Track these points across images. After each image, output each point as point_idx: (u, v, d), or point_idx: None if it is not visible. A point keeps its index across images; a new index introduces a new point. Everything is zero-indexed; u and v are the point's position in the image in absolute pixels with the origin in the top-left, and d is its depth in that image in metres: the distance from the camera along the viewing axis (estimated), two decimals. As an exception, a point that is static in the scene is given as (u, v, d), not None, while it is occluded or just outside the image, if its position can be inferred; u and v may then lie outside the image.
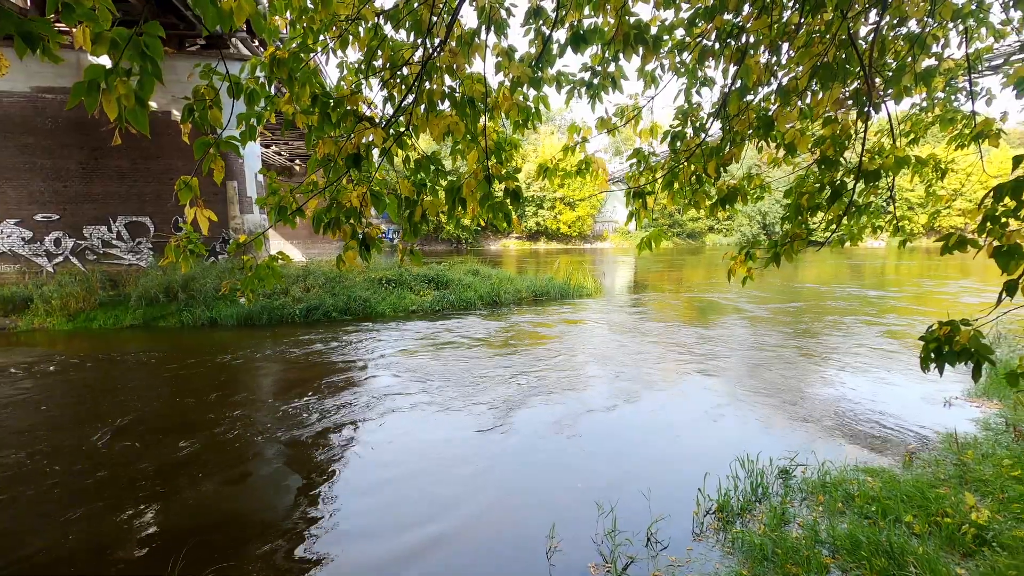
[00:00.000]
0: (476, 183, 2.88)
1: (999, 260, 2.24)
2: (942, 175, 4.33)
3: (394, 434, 6.86)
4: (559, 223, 59.90)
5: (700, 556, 4.37)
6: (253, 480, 5.78)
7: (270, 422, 7.22)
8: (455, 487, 5.57)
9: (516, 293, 17.90)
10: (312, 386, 8.72)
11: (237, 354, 10.89)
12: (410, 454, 6.34)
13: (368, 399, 8.10)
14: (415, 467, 6.00)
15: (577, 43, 3.16)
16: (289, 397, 8.21)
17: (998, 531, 4.09)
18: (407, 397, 8.18)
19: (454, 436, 6.81)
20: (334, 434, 6.85)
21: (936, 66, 3.50)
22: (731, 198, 3.32)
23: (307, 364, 10.14)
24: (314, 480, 5.74)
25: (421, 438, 6.76)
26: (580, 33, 3.15)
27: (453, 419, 7.34)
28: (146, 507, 5.19)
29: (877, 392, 8.27)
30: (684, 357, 10.64)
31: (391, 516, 5.07)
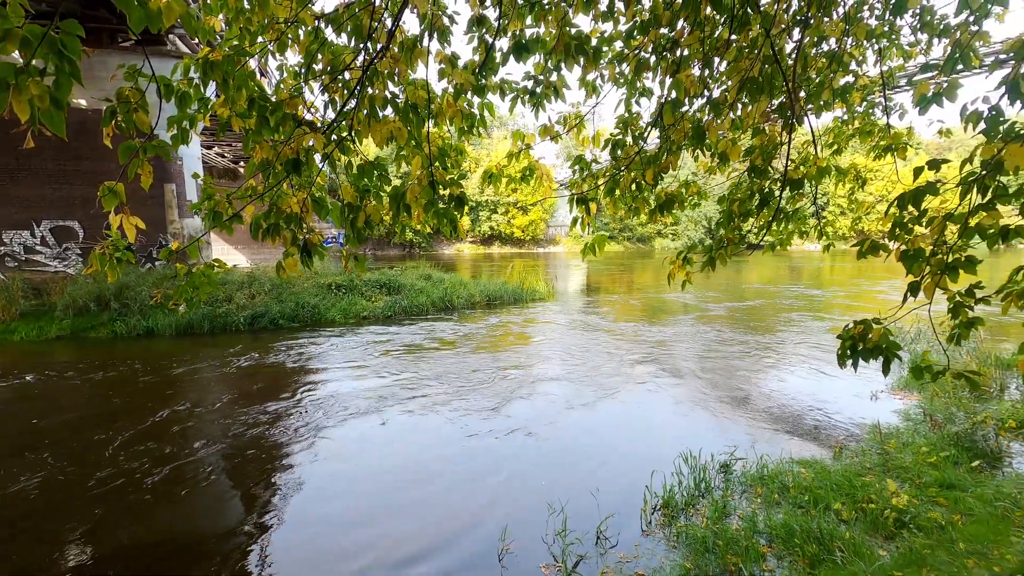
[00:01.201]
0: (420, 189, 2.89)
1: (905, 263, 2.43)
2: (862, 183, 4.63)
3: (343, 442, 6.72)
4: (513, 227, 60.17)
5: (647, 551, 4.49)
6: (196, 500, 5.53)
7: (211, 436, 6.93)
8: (407, 493, 5.51)
9: (469, 298, 17.86)
10: (257, 397, 8.43)
11: (176, 365, 10.39)
12: (359, 461, 6.22)
13: (318, 407, 7.90)
14: (365, 475, 5.90)
15: (520, 52, 3.22)
16: (233, 409, 7.90)
17: (915, 514, 4.40)
18: (358, 404, 8.02)
19: (404, 442, 6.73)
20: (282, 445, 6.64)
21: (853, 83, 3.76)
22: (669, 204, 3.45)
23: (252, 374, 9.79)
24: (261, 494, 5.55)
25: (371, 445, 6.65)
26: (523, 42, 3.21)
27: (403, 425, 7.26)
28: (79, 535, 4.89)
29: (813, 387, 8.74)
30: (634, 357, 10.90)
31: (340, 524, 4.96)
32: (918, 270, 2.38)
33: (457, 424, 7.30)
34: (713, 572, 4.04)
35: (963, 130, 2.64)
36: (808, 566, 3.94)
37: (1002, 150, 2.14)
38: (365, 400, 8.23)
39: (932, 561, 3.67)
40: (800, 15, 3.26)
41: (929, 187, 2.31)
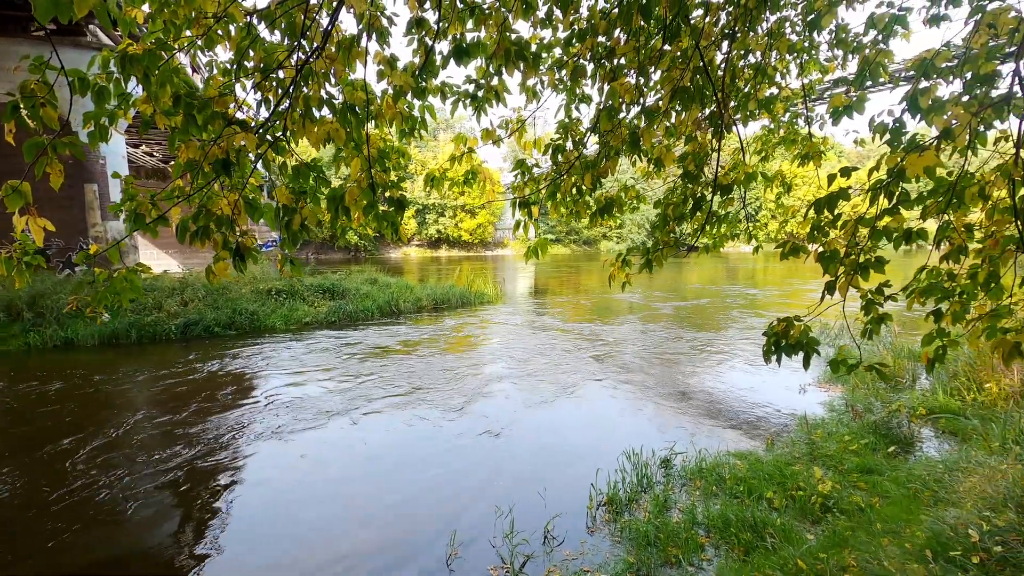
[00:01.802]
0: (359, 191, 2.84)
1: (822, 263, 2.60)
2: (788, 188, 4.90)
3: (282, 454, 6.48)
4: (460, 230, 59.96)
5: (593, 548, 4.58)
6: (118, 530, 5.19)
7: (139, 456, 6.52)
8: (352, 502, 5.38)
9: (416, 302, 17.65)
10: (189, 410, 8.00)
11: (98, 379, 9.71)
12: (303, 472, 6.02)
13: (256, 419, 7.58)
14: (310, 485, 5.71)
15: (460, 56, 3.22)
16: (161, 425, 7.46)
17: (839, 498, 4.70)
18: (299, 414, 7.76)
19: (348, 451, 6.57)
20: (218, 460, 6.33)
21: (777, 94, 3.99)
22: (609, 208, 3.54)
23: (184, 385, 9.28)
24: (197, 514, 5.26)
25: (313, 456, 6.45)
26: (463, 46, 3.21)
27: (346, 433, 7.08)
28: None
29: (749, 381, 9.16)
30: (581, 357, 11.09)
31: (279, 538, 4.78)
32: (834, 270, 2.55)
33: (403, 430, 7.20)
34: (655, 565, 4.16)
35: (871, 140, 2.86)
36: (743, 553, 4.12)
37: (904, 159, 2.32)
38: (306, 410, 7.97)
39: (853, 542, 3.93)
40: (728, 29, 3.43)
41: (842, 193, 2.48)
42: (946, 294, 2.74)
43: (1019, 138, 2.46)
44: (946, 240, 2.69)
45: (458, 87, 3.49)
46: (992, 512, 3.48)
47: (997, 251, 2.59)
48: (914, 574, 3.00)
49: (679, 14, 2.96)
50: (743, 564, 3.92)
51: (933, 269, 2.77)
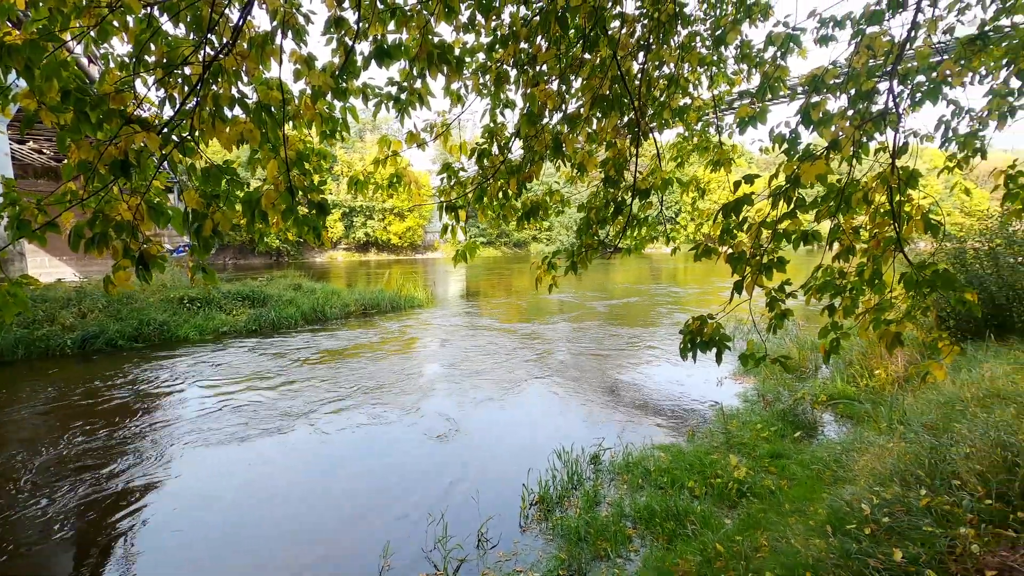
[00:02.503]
0: (277, 195, 2.73)
1: (731, 264, 2.78)
2: (702, 193, 5.19)
3: (198, 473, 6.08)
4: (389, 233, 58.80)
5: (526, 548, 4.63)
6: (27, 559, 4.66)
7: (27, 488, 5.89)
8: (278, 519, 5.13)
9: (344, 307, 17.12)
10: (85, 432, 7.32)
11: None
12: (223, 489, 5.67)
13: (167, 436, 7.06)
14: (231, 503, 5.39)
15: (382, 57, 3.16)
16: (54, 448, 6.78)
17: (752, 483, 5.03)
18: (214, 428, 7.30)
19: (271, 465, 6.27)
20: (126, 484, 5.83)
21: (689, 104, 4.22)
22: (534, 212, 3.60)
23: (78, 404, 8.48)
24: (109, 541, 4.82)
25: (235, 469, 6.09)
26: (384, 48, 3.16)
27: (268, 447, 6.75)
28: None
29: (672, 376, 9.60)
30: (513, 358, 11.18)
31: (205, 557, 4.48)
32: (741, 270, 2.73)
33: (330, 440, 6.96)
34: (586, 560, 4.27)
35: (772, 149, 3.10)
36: (667, 542, 4.32)
37: (799, 167, 2.53)
38: (223, 423, 7.52)
39: (765, 523, 4.22)
40: (643, 41, 3.58)
41: (746, 198, 2.67)
42: (838, 290, 3.00)
43: (895, 149, 2.75)
44: (837, 241, 2.95)
45: (381, 89, 3.43)
46: (881, 487, 3.85)
47: (879, 251, 2.87)
48: (816, 549, 3.27)
49: (597, 25, 3.06)
50: (667, 552, 4.10)
51: (827, 268, 3.03)
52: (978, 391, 5.44)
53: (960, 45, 3.27)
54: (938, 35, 3.55)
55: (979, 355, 7.24)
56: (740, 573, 3.52)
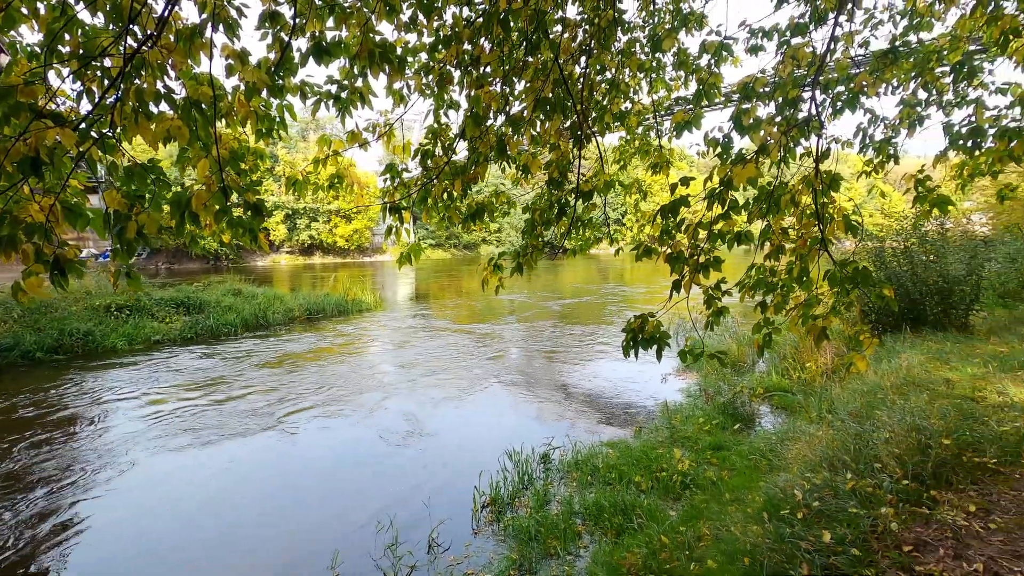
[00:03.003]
0: (209, 195, 2.61)
1: (670, 263, 2.87)
2: (644, 195, 5.34)
3: (136, 484, 5.72)
4: (335, 236, 57.32)
5: (477, 550, 4.61)
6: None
7: (-70, 508, 5.37)
8: (225, 528, 4.91)
9: (287, 312, 16.54)
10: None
11: None
12: (165, 502, 5.35)
13: (92, 453, 6.60)
14: (173, 516, 5.10)
15: (320, 55, 3.08)
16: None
17: (695, 475, 5.21)
18: (147, 442, 6.89)
19: (213, 477, 5.98)
20: (52, 499, 5.40)
21: (630, 108, 4.34)
22: (479, 213, 3.60)
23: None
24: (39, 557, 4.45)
25: (176, 481, 5.77)
26: (323, 45, 3.08)
27: (209, 459, 6.44)
28: None
29: (619, 373, 9.82)
30: (463, 360, 11.13)
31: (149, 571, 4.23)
32: (679, 269, 2.82)
33: (275, 449, 6.71)
34: (537, 558, 4.30)
35: (708, 153, 3.23)
36: (615, 536, 4.41)
37: (731, 170, 2.64)
38: (156, 436, 7.11)
39: (707, 513, 4.38)
40: (584, 46, 3.65)
41: (682, 200, 2.77)
42: (770, 288, 3.15)
43: (818, 154, 2.92)
44: (768, 241, 3.10)
45: (320, 87, 3.35)
46: (812, 473, 4.08)
47: (806, 250, 3.03)
48: (754, 534, 3.42)
49: (539, 28, 3.09)
50: (615, 546, 4.18)
51: (759, 266, 3.17)
52: (896, 380, 5.85)
53: (874, 58, 3.52)
54: (855, 48, 3.80)
55: (897, 346, 7.79)
56: (684, 563, 3.64)
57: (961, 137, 3.56)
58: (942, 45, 3.75)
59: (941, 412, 4.55)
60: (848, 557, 3.01)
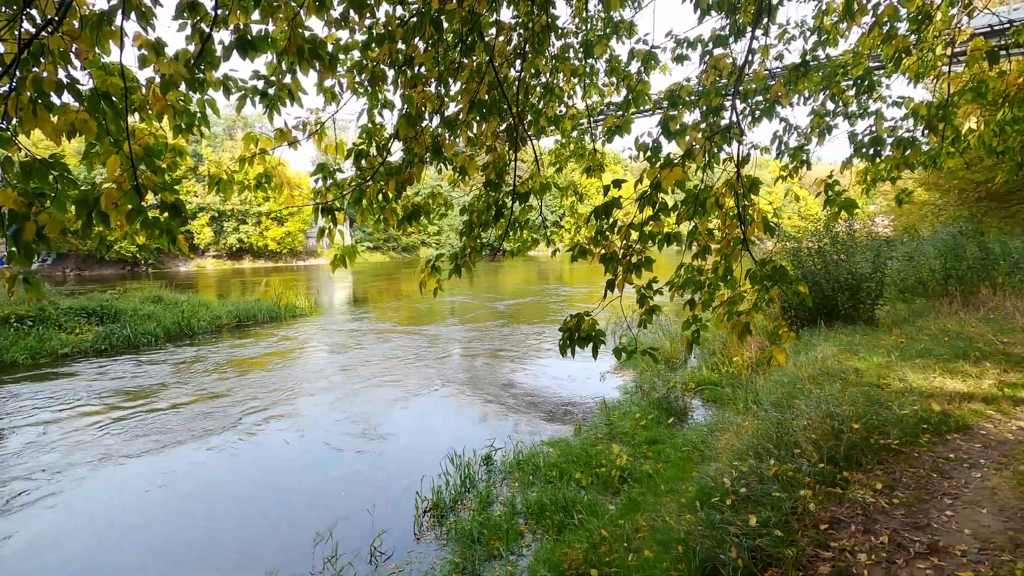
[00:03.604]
0: (121, 194, 2.44)
1: (604, 263, 2.95)
2: (580, 198, 5.44)
3: (50, 506, 5.22)
4: (266, 239, 54.94)
5: (420, 555, 4.55)
6: None
7: None
8: (160, 550, 4.57)
9: (214, 320, 15.68)
10: None
11: None
12: (80, 526, 4.91)
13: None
14: (92, 538, 4.68)
15: (245, 48, 2.95)
16: None
17: (632, 469, 5.37)
18: (61, 459, 6.32)
19: (145, 493, 5.57)
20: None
21: (565, 112, 4.43)
22: (416, 215, 3.55)
23: None
24: None
25: (96, 503, 5.32)
26: (248, 38, 2.95)
27: (138, 475, 5.99)
28: None
29: (562, 373, 9.97)
30: (402, 365, 10.94)
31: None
32: (613, 269, 2.91)
33: (204, 465, 6.33)
34: (480, 560, 4.28)
35: (638, 157, 3.35)
36: (556, 533, 4.47)
37: (660, 174, 2.75)
38: (70, 454, 6.53)
39: (644, 505, 4.52)
40: (519, 49, 3.69)
41: (614, 202, 2.85)
42: (698, 286, 3.30)
43: (739, 159, 3.09)
44: (695, 241, 3.25)
45: (245, 82, 3.20)
46: (739, 461, 4.31)
47: (729, 250, 3.20)
48: (687, 523, 3.57)
49: (473, 30, 3.10)
50: (557, 543, 4.24)
51: (688, 266, 3.32)
52: (813, 370, 6.28)
53: (788, 71, 3.77)
54: (771, 61, 4.06)
55: (813, 339, 8.37)
56: (623, 554, 3.74)
57: (864, 145, 3.88)
58: (846, 60, 4.08)
59: (851, 399, 4.93)
60: (772, 538, 3.20)
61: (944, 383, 5.73)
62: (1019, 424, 4.68)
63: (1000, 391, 5.44)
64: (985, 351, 6.85)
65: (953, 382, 5.76)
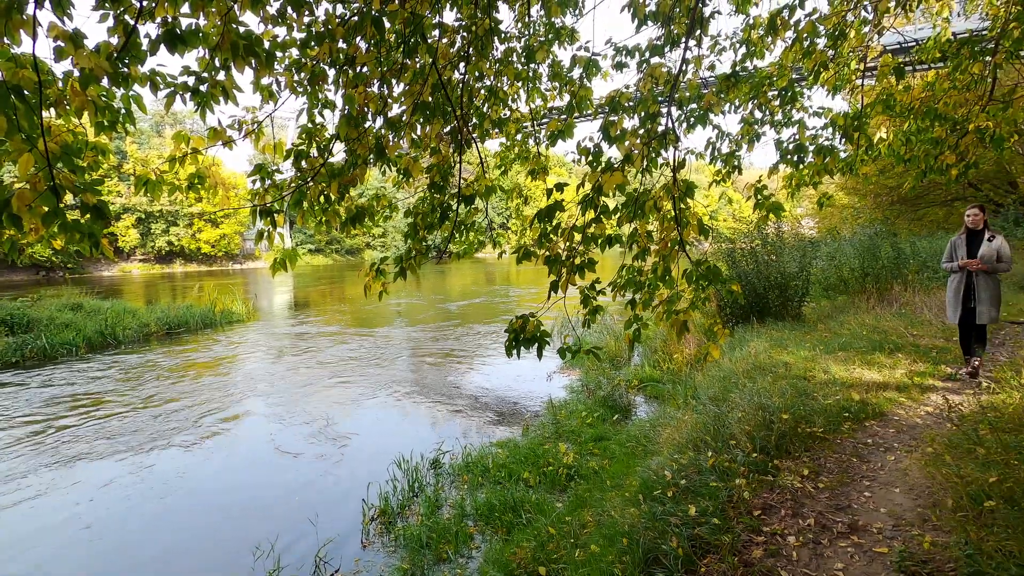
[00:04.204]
0: (35, 195, 2.29)
1: (548, 265, 3.01)
2: (525, 200, 5.51)
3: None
4: (199, 242, 52.28)
5: (368, 563, 4.47)
6: None
7: None
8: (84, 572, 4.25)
9: (142, 328, 14.78)
10: None
11: None
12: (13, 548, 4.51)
13: None
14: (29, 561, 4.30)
15: (174, 42, 2.82)
16: None
17: (579, 467, 5.48)
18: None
19: (65, 521, 5.16)
20: None
21: (509, 116, 4.47)
22: (360, 217, 3.50)
23: None
24: None
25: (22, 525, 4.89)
26: (177, 32, 2.82)
27: (56, 498, 5.55)
28: None
29: (509, 375, 10.02)
30: (348, 370, 10.68)
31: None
32: (557, 271, 2.97)
33: (134, 484, 5.95)
34: (428, 565, 4.25)
35: (580, 161, 3.43)
36: (505, 534, 4.50)
37: (601, 177, 2.83)
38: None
39: (590, 501, 4.63)
40: (463, 52, 3.70)
41: (557, 204, 2.92)
42: (638, 286, 3.41)
43: (675, 164, 3.22)
44: (635, 243, 3.36)
45: (174, 78, 3.06)
46: (679, 454, 4.49)
47: (667, 251, 3.33)
48: (631, 516, 3.68)
49: (416, 32, 3.09)
50: (506, 544, 4.27)
51: (629, 267, 3.43)
52: (746, 365, 6.62)
53: (719, 80, 3.97)
54: (703, 71, 4.26)
55: (747, 336, 8.81)
56: (570, 550, 3.81)
57: (788, 152, 4.14)
58: (772, 72, 4.34)
59: (781, 391, 5.23)
60: (710, 527, 3.35)
61: (863, 374, 6.17)
62: (927, 409, 5.12)
63: (910, 380, 5.92)
64: (898, 343, 7.44)
65: (870, 373, 6.22)
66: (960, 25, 12.28)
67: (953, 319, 6.07)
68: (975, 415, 4.56)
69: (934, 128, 4.32)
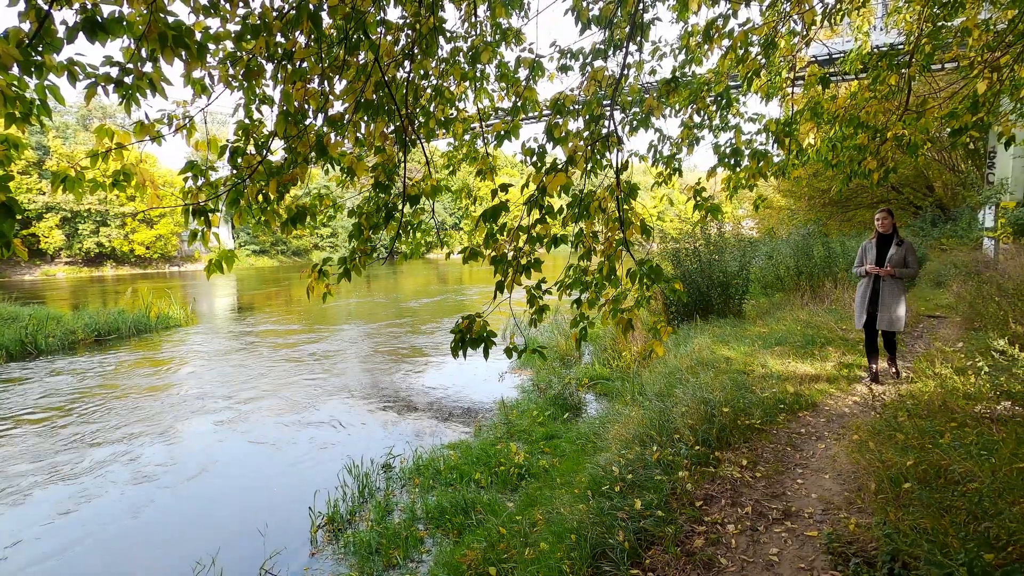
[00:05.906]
0: (-67, 192, 2.11)
1: (494, 265, 3.01)
2: (474, 200, 5.51)
3: None
4: (132, 243, 49.42)
5: (316, 572, 4.37)
6: None
7: None
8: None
9: (67, 335, 13.83)
10: None
11: None
12: None
13: None
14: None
15: (95, 31, 2.65)
16: None
17: (530, 466, 5.51)
18: None
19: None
20: None
21: (456, 116, 4.45)
22: (301, 217, 3.39)
23: None
24: None
25: None
26: (98, 20, 2.66)
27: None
28: None
29: (460, 376, 9.96)
30: (294, 375, 10.35)
31: None
32: (503, 271, 2.98)
33: (66, 505, 5.56)
34: (378, 571, 4.18)
35: (524, 162, 3.46)
36: (457, 536, 4.47)
37: (545, 178, 2.86)
38: None
39: (541, 499, 4.66)
40: (407, 50, 3.66)
41: (502, 205, 2.92)
42: (585, 286, 3.47)
43: (618, 166, 3.29)
44: (580, 243, 3.41)
45: (95, 68, 2.88)
46: (627, 449, 4.59)
47: (612, 250, 3.40)
48: (580, 512, 3.73)
49: (358, 28, 3.02)
50: (456, 545, 4.25)
51: (575, 267, 3.48)
52: (690, 361, 6.84)
53: (660, 85, 4.08)
54: (645, 76, 4.38)
55: (691, 332, 9.11)
56: (520, 549, 3.83)
57: (726, 156, 4.31)
58: (710, 79, 4.50)
59: (722, 385, 5.43)
60: (655, 519, 3.44)
61: (797, 367, 6.50)
62: (854, 399, 5.44)
63: (839, 372, 6.28)
64: (829, 337, 7.87)
65: (804, 366, 6.56)
66: (880, 39, 13.15)
67: (859, 324, 6.08)
68: (895, 403, 4.88)
69: (857, 135, 4.59)
